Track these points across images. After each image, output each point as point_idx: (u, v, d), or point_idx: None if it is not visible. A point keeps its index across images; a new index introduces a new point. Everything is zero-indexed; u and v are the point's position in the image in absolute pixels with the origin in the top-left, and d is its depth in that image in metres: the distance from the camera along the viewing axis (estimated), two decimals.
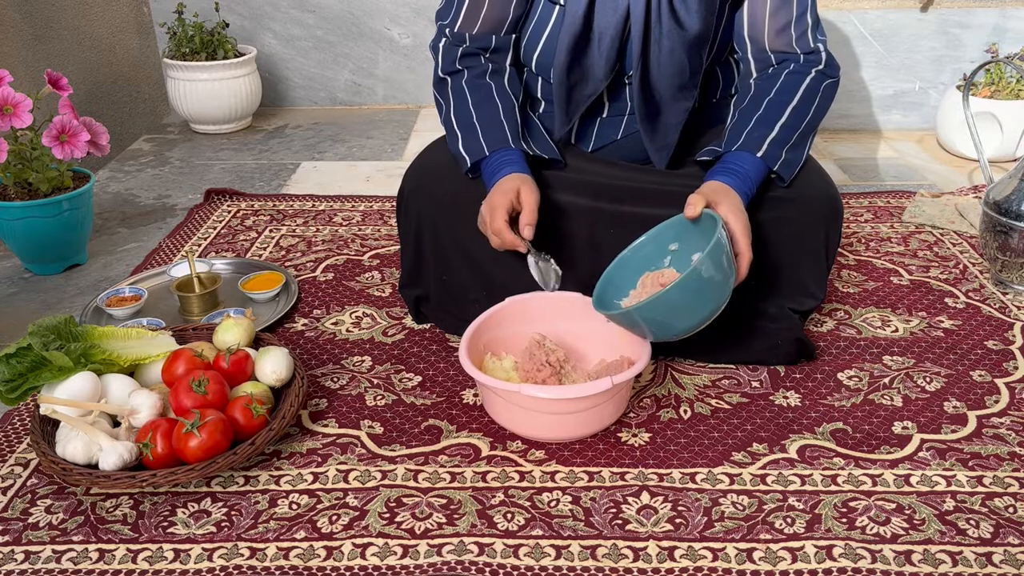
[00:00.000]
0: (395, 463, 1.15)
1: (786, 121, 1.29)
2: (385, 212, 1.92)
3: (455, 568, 0.98)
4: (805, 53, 1.33)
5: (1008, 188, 1.53)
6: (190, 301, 1.49)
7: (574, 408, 1.13)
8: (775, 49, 1.34)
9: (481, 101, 1.36)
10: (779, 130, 1.28)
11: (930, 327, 1.46)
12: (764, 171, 1.27)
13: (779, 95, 1.31)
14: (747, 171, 1.25)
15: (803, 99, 1.31)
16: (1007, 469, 1.13)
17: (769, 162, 1.27)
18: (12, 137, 1.58)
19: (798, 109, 1.30)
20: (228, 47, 2.43)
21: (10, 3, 1.95)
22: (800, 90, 1.31)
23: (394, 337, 1.44)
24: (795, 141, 1.29)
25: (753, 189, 1.26)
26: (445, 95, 1.39)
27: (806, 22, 1.33)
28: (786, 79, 1.32)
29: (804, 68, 1.33)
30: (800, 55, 1.34)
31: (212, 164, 2.28)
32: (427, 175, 1.40)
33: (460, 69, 1.38)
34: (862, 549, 1.00)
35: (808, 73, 1.32)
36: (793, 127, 1.29)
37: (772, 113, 1.29)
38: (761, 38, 1.34)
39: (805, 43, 1.33)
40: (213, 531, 1.04)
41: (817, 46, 1.34)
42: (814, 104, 1.31)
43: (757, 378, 1.32)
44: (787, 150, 1.28)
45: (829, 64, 1.34)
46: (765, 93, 1.32)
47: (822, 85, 1.33)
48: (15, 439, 1.21)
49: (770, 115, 1.29)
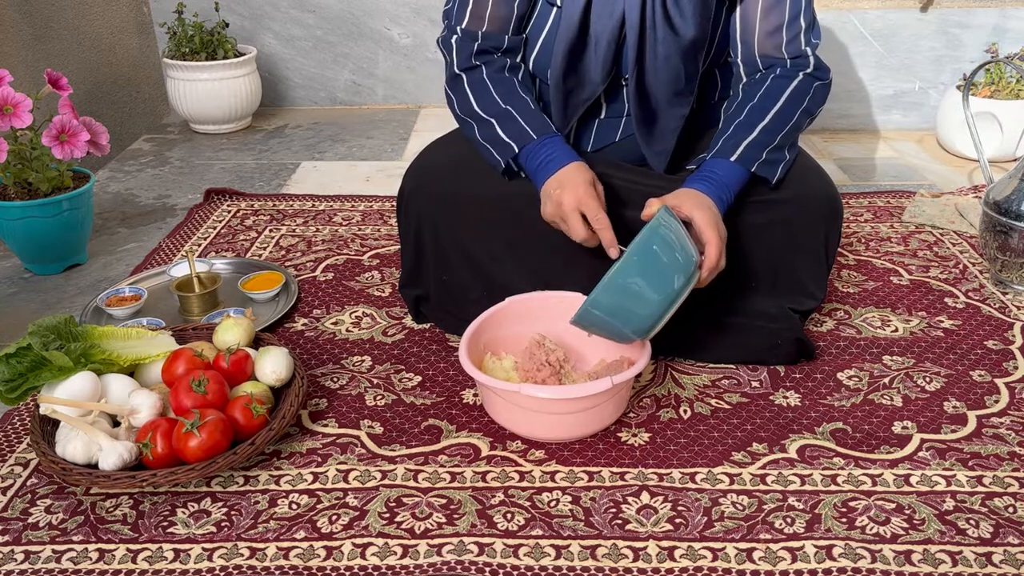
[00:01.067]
0: (395, 463, 1.15)
1: (767, 124, 1.28)
2: (385, 212, 1.92)
3: (455, 568, 0.98)
4: (792, 58, 1.33)
5: (1008, 188, 1.53)
6: (190, 301, 1.49)
7: (574, 408, 1.13)
8: (763, 53, 1.34)
9: (507, 93, 1.33)
10: (759, 133, 1.27)
11: (930, 327, 1.46)
12: (742, 175, 1.27)
13: (762, 100, 1.31)
14: (721, 177, 1.25)
15: (788, 101, 1.30)
16: (1007, 469, 1.13)
17: (745, 164, 1.26)
18: (12, 137, 1.58)
19: (782, 112, 1.29)
20: (228, 47, 2.43)
21: (10, 3, 1.95)
22: (785, 93, 1.30)
23: (394, 337, 1.44)
24: (778, 143, 1.28)
25: (730, 195, 1.26)
26: (461, 90, 1.36)
27: (799, 25, 1.32)
28: (772, 83, 1.32)
29: (791, 72, 1.32)
30: (787, 60, 1.33)
31: (212, 164, 2.28)
32: (427, 175, 1.40)
33: (477, 64, 1.36)
34: (862, 549, 1.00)
35: (795, 77, 1.32)
36: (775, 130, 1.28)
37: (753, 117, 1.29)
38: (752, 41, 1.34)
39: (795, 47, 1.33)
40: (213, 531, 1.04)
41: (806, 50, 1.33)
42: (801, 107, 1.31)
43: (757, 378, 1.32)
44: (768, 151, 1.27)
45: (818, 67, 1.34)
46: (749, 99, 1.32)
47: (811, 87, 1.32)
48: (15, 439, 1.21)
49: (750, 119, 1.29)
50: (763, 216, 1.30)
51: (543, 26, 1.35)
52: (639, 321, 1.11)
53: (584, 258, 1.33)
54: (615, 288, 1.09)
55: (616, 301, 1.10)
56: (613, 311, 1.11)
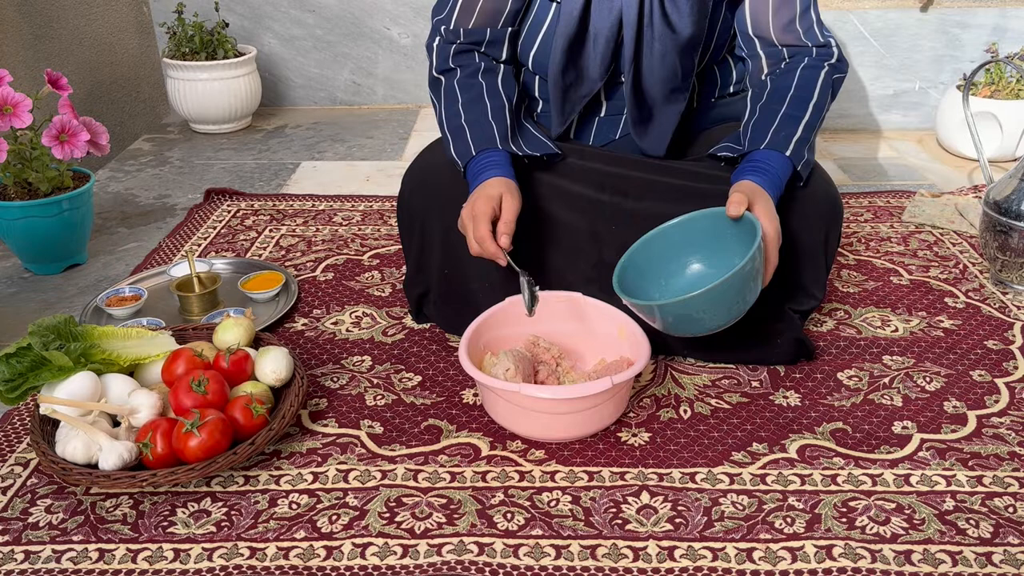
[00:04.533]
0: (395, 463, 1.15)
1: (808, 120, 1.28)
2: (385, 212, 1.92)
3: (455, 568, 0.98)
4: (817, 46, 1.33)
5: (1008, 188, 1.53)
6: (190, 301, 1.49)
7: (574, 408, 1.13)
8: (785, 43, 1.34)
9: (471, 101, 1.33)
10: (802, 129, 1.28)
11: (930, 327, 1.46)
12: (790, 171, 1.27)
13: (799, 91, 1.30)
14: (776, 171, 1.25)
15: (821, 94, 1.30)
16: (1007, 469, 1.13)
17: (796, 161, 1.26)
18: (12, 137, 1.58)
19: (817, 105, 1.30)
20: (228, 47, 2.43)
21: (10, 3, 1.95)
22: (818, 86, 1.30)
23: (394, 337, 1.44)
24: (813, 139, 1.29)
25: (782, 189, 1.26)
26: (439, 95, 1.38)
27: (811, 17, 1.33)
28: (802, 74, 1.31)
29: (817, 63, 1.32)
30: (812, 48, 1.33)
31: (212, 164, 2.28)
32: (427, 175, 1.40)
33: (453, 68, 1.37)
34: (862, 549, 1.00)
35: (822, 67, 1.32)
36: (812, 126, 1.29)
37: (796, 110, 1.29)
38: (768, 35, 1.34)
39: (814, 36, 1.33)
40: (213, 531, 1.04)
41: (828, 40, 1.34)
42: (827, 99, 1.31)
43: (757, 378, 1.32)
44: (808, 149, 1.28)
45: (840, 60, 1.34)
46: (786, 89, 1.31)
47: (833, 80, 1.33)
48: (15, 439, 1.21)
49: (794, 112, 1.28)
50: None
51: (543, 22, 1.35)
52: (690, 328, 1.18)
53: (585, 249, 1.33)
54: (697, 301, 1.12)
55: (691, 311, 1.14)
56: (681, 315, 1.15)
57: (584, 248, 1.34)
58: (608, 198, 1.33)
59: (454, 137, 1.33)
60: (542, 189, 1.34)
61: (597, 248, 1.34)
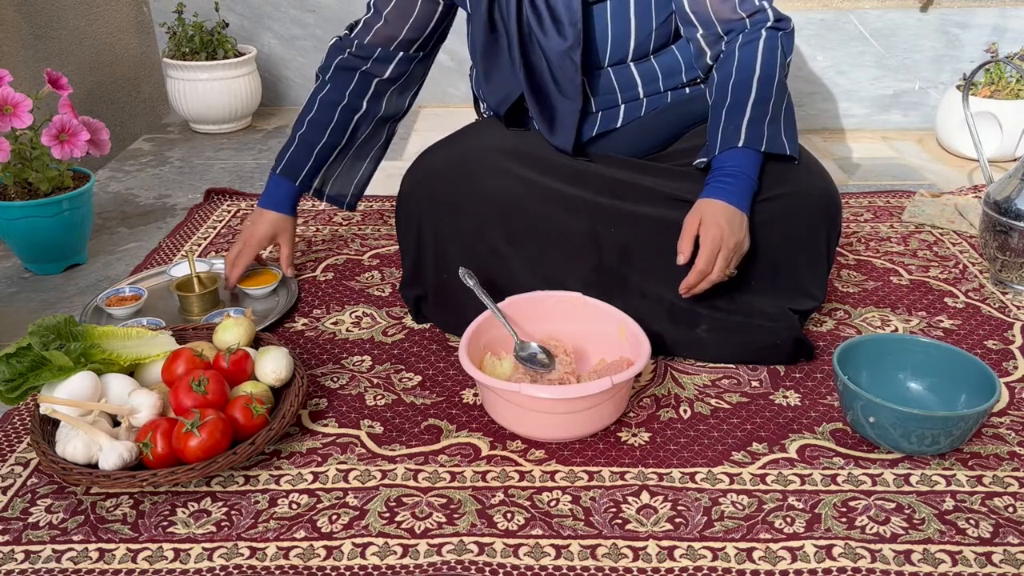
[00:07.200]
0: (395, 463, 1.15)
1: (756, 96, 1.28)
2: (385, 212, 1.92)
3: (455, 568, 0.98)
4: (750, 15, 1.32)
5: (1008, 188, 1.53)
6: (190, 301, 1.49)
7: (574, 408, 1.13)
8: (721, 18, 1.33)
9: (315, 123, 1.51)
10: (751, 109, 1.27)
11: (930, 327, 1.46)
12: (755, 157, 1.26)
13: (740, 73, 1.30)
14: (738, 169, 1.25)
15: (764, 63, 1.29)
16: (1007, 469, 1.13)
17: (754, 145, 1.25)
18: (12, 137, 1.58)
19: (764, 77, 1.29)
20: (228, 47, 2.43)
21: (10, 3, 1.95)
22: (758, 58, 1.30)
23: (394, 337, 1.44)
24: (772, 113, 1.28)
25: (753, 181, 1.26)
26: (311, 90, 1.53)
27: None
28: (741, 53, 1.31)
29: (754, 33, 1.32)
30: (745, 19, 1.32)
31: (212, 164, 2.28)
32: (427, 175, 1.40)
33: (328, 81, 1.51)
34: (862, 549, 1.00)
35: (759, 36, 1.31)
36: (765, 99, 1.28)
37: (739, 95, 1.28)
38: (706, 11, 1.33)
39: (749, 5, 1.32)
40: (213, 531, 1.04)
41: (762, 4, 1.32)
42: (776, 63, 1.30)
43: (757, 378, 1.32)
44: (768, 124, 1.27)
45: (779, 19, 1.33)
46: (727, 77, 1.31)
47: (778, 40, 1.32)
48: (15, 439, 1.21)
49: (738, 97, 1.28)
50: (762, 216, 1.29)
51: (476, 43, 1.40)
52: (868, 428, 1.16)
53: (583, 252, 1.33)
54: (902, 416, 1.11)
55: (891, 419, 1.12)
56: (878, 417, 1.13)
57: (583, 251, 1.34)
58: (605, 201, 1.33)
59: (290, 138, 1.54)
60: (540, 192, 1.34)
61: (596, 251, 1.33)
